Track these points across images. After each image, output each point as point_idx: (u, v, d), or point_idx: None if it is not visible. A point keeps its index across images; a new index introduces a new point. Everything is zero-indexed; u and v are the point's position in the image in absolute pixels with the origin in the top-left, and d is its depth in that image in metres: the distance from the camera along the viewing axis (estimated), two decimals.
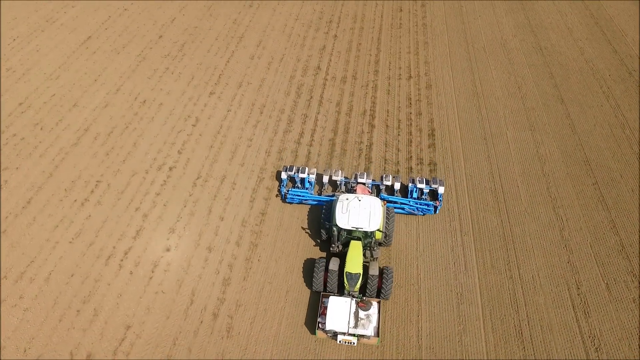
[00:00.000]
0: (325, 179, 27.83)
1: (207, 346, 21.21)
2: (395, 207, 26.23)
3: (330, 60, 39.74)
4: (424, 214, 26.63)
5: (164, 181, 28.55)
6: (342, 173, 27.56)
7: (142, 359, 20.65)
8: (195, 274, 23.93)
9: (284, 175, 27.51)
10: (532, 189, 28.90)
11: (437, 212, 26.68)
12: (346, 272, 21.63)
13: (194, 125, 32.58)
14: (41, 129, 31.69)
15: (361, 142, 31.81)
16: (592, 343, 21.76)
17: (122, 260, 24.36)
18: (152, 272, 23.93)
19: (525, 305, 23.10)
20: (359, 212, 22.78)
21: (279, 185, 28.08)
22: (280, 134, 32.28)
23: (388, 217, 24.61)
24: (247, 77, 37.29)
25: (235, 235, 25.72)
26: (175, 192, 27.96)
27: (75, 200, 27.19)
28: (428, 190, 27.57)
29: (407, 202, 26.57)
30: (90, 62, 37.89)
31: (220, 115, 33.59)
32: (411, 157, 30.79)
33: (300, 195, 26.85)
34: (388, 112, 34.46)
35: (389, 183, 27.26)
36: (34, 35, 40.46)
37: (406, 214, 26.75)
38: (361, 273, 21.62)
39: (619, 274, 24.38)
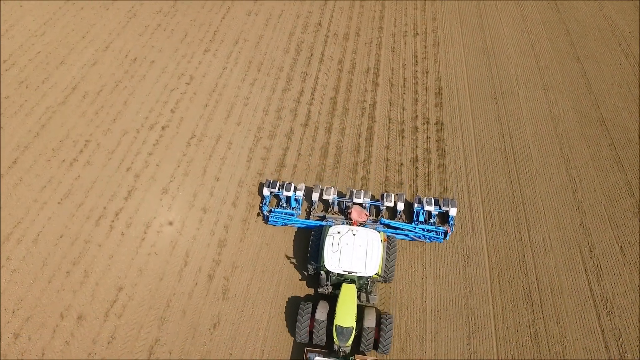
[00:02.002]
0: (315, 196, 22.96)
1: (202, 308, 20.37)
2: (397, 233, 22.03)
3: (332, 16, 37.42)
4: (431, 241, 22.48)
5: (157, 140, 27.14)
6: (334, 190, 23.00)
7: (134, 320, 19.88)
8: (190, 235, 22.88)
9: (266, 192, 22.99)
10: (545, 149, 27.40)
11: (448, 238, 22.46)
12: (336, 325, 17.57)
13: (187, 84, 30.85)
14: (26, 87, 30.04)
15: (364, 100, 30.11)
16: (604, 306, 20.83)
17: (113, 221, 23.28)
18: (145, 233, 22.88)
19: (535, 267, 22.07)
20: (352, 251, 18.47)
21: (261, 203, 23.83)
22: (279, 92, 30.56)
23: (389, 250, 20.27)
24: (243, 34, 35.19)
25: (231, 196, 24.52)
26: (168, 151, 26.59)
27: (64, 160, 25.89)
28: (437, 213, 22.94)
29: (411, 229, 22.25)
30: (78, 18, 35.73)
31: (215, 73, 31.78)
32: (417, 116, 29.15)
33: (284, 218, 22.70)
34: (393, 70, 32.55)
35: (391, 204, 22.57)
36: None
37: (409, 240, 22.37)
38: (354, 326, 17.70)
39: (634, 236, 23.20)
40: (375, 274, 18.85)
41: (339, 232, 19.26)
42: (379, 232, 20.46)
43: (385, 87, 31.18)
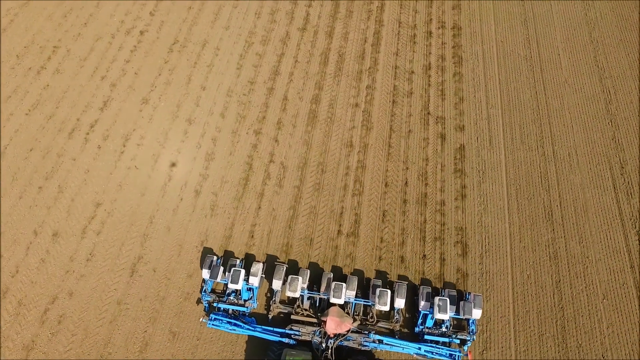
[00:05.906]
0: (277, 284, 15.32)
1: (188, 224, 18.55)
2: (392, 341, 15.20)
3: None
4: (440, 358, 15.47)
5: (134, 47, 23.89)
6: (305, 278, 15.30)
7: (114, 236, 18.18)
8: (173, 147, 20.54)
9: (205, 275, 15.61)
10: (576, 57, 24.01)
11: (467, 349, 15.32)
12: None
13: None
14: None
15: (371, 2, 26.19)
16: (633, 226, 18.82)
17: (88, 133, 20.87)
18: (124, 146, 20.54)
19: (558, 184, 19.82)
20: None
21: (202, 288, 16.39)
22: None
23: None
24: None
25: (219, 106, 21.82)
26: (147, 58, 23.47)
27: (30, 68, 22.92)
28: (451, 318, 15.88)
29: (416, 348, 15.25)
30: None
31: None
32: (431, 19, 25.43)
33: (231, 323, 15.43)
34: None
35: (386, 307, 14.96)
36: None
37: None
38: None
39: None
40: None
41: None
42: None
43: None
